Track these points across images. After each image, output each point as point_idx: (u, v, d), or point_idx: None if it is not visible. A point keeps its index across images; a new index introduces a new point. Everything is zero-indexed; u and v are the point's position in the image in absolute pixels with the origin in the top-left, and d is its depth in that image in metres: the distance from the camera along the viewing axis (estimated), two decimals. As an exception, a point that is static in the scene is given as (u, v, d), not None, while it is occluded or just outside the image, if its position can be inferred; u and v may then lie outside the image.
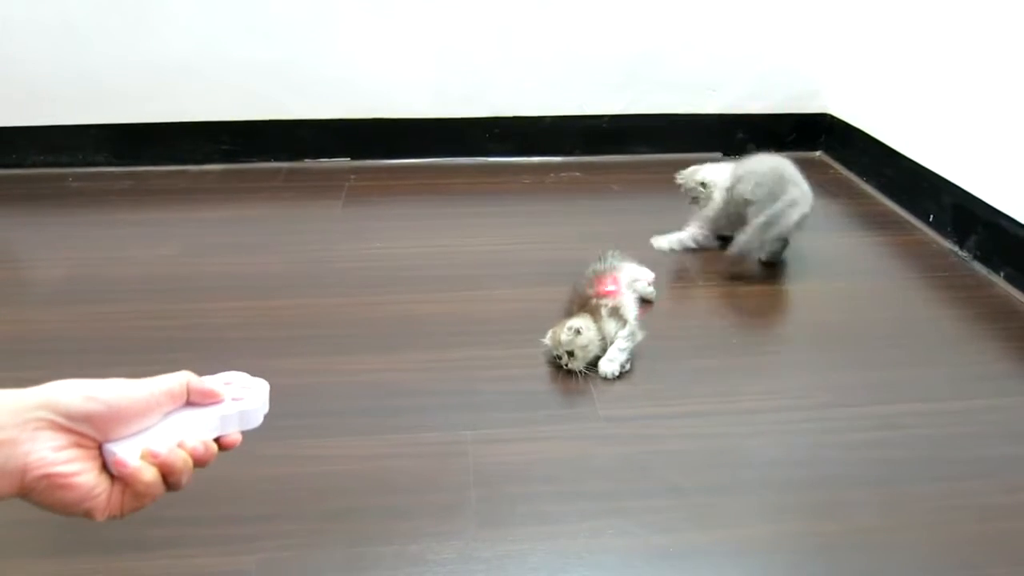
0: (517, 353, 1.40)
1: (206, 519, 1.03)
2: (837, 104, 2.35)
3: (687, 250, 1.79)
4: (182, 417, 0.60)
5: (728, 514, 1.05)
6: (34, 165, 2.25)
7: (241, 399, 0.63)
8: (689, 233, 1.79)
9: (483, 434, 1.19)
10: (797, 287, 1.67)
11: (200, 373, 0.64)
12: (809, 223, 1.77)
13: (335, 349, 1.41)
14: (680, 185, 1.79)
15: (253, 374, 1.21)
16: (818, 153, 2.43)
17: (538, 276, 1.67)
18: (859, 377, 1.35)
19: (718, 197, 1.73)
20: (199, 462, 0.59)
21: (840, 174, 2.30)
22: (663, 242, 1.79)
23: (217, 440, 0.61)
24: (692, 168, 1.80)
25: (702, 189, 1.75)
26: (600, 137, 2.36)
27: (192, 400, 0.61)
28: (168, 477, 0.57)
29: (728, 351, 1.43)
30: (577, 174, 2.29)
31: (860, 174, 2.25)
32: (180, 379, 0.61)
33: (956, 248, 1.80)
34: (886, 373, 1.36)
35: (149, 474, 0.56)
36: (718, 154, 2.41)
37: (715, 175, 1.75)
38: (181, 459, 0.57)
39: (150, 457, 0.56)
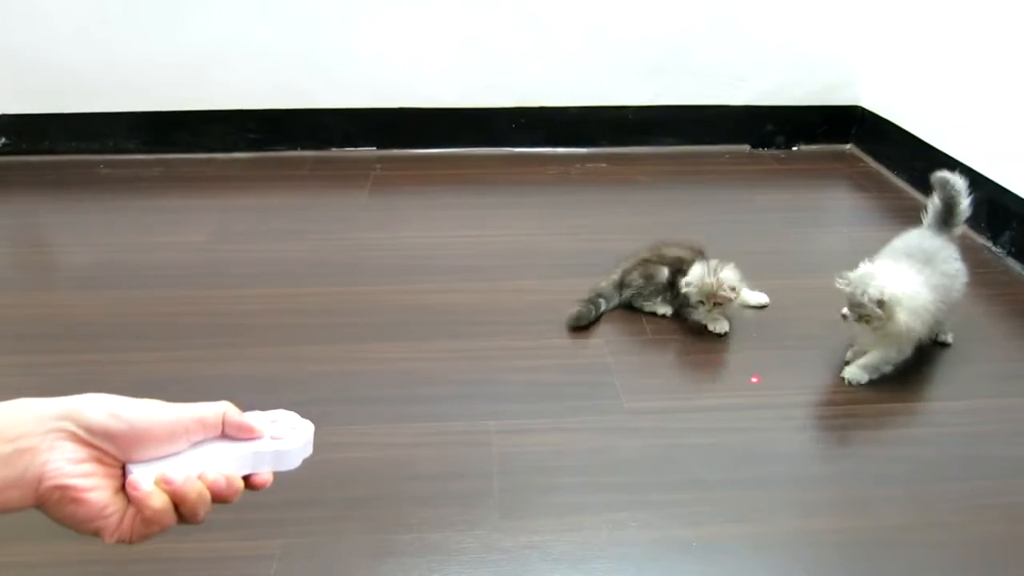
0: (542, 344, 1.39)
1: (231, 504, 1.03)
2: (869, 96, 2.32)
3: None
4: (213, 448, 0.58)
5: (753, 509, 1.04)
6: (66, 152, 2.27)
7: (281, 439, 0.60)
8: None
9: (507, 424, 1.19)
10: (825, 282, 1.65)
11: (231, 359, 0.63)
12: (838, 217, 1.75)
13: (360, 337, 1.42)
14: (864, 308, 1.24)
15: (279, 360, 1.22)
16: (848, 146, 2.40)
17: (564, 267, 1.66)
18: (887, 374, 1.33)
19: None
20: (219, 497, 0.56)
21: (871, 167, 2.26)
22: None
23: (248, 478, 0.59)
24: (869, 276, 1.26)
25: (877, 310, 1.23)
26: (626, 128, 2.35)
27: (227, 433, 0.59)
28: (180, 507, 0.55)
29: (755, 345, 1.41)
30: (603, 165, 2.27)
31: (891, 167, 2.21)
32: (216, 409, 0.58)
33: (990, 244, 1.77)
34: (915, 370, 1.34)
35: (159, 501, 0.53)
36: (746, 146, 2.39)
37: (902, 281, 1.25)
38: (196, 491, 0.54)
39: (163, 484, 0.54)
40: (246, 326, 1.46)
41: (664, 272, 1.48)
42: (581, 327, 1.44)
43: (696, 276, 1.40)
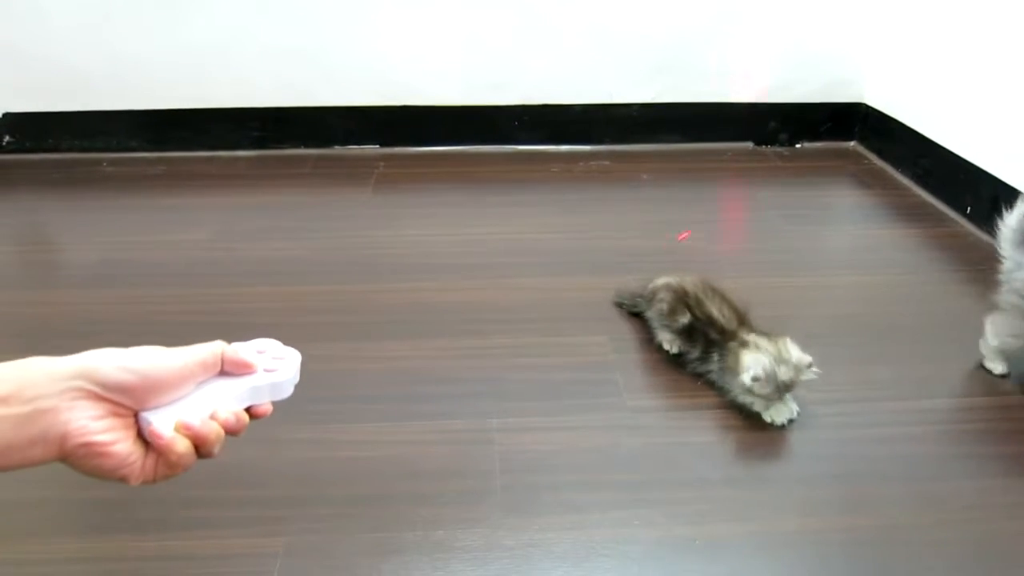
0: (544, 342, 1.39)
1: (234, 501, 1.04)
2: (872, 93, 2.31)
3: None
4: (215, 387, 0.61)
5: (756, 507, 1.04)
6: (70, 150, 2.28)
7: (273, 370, 0.63)
8: None
9: (509, 422, 1.19)
10: (829, 280, 1.65)
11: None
12: (841, 215, 1.73)
13: (363, 335, 1.42)
14: None
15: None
16: (852, 143, 2.39)
17: (567, 265, 1.66)
18: (892, 371, 1.32)
19: None
20: (231, 432, 0.60)
21: (875, 165, 2.26)
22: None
23: (248, 410, 0.62)
24: None
25: None
26: (630, 126, 2.34)
27: (225, 370, 0.62)
28: (200, 448, 0.58)
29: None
30: (607, 163, 2.27)
31: (895, 165, 2.21)
32: (214, 349, 0.62)
33: (993, 241, 1.76)
34: (920, 368, 1.34)
35: (182, 445, 0.57)
36: (749, 144, 2.38)
37: None
38: (214, 431, 0.58)
39: (183, 429, 0.57)
40: (249, 324, 1.46)
41: (685, 320, 1.30)
42: (620, 304, 1.49)
43: (763, 368, 1.14)
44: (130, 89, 2.23)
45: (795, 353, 1.17)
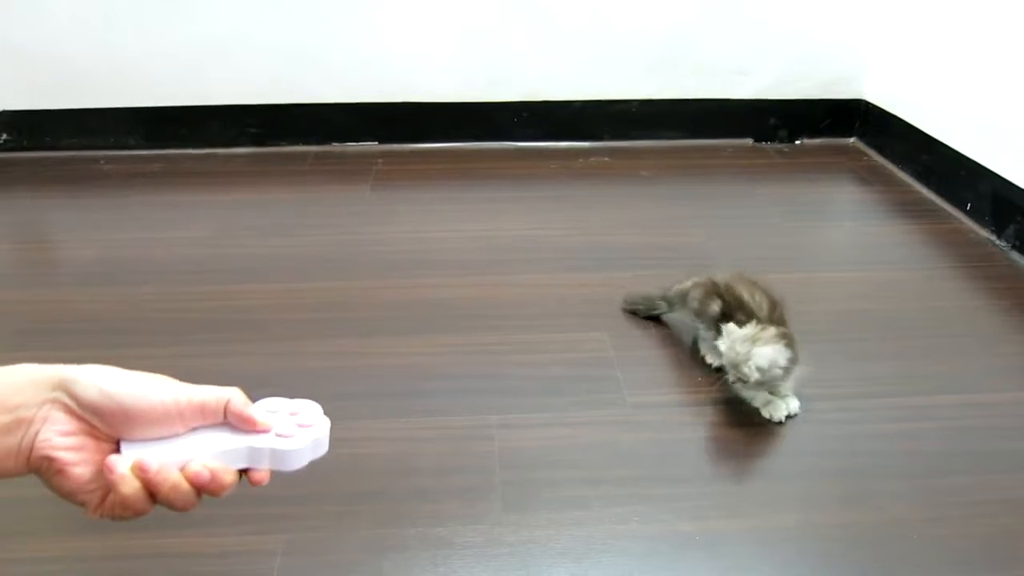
0: (544, 338, 1.39)
1: (233, 499, 1.03)
2: (872, 89, 2.31)
3: None
4: (209, 436, 0.55)
5: (756, 503, 1.04)
6: (67, 148, 2.27)
7: (286, 436, 0.57)
8: None
9: (509, 418, 1.19)
10: (830, 276, 1.65)
11: (233, 355, 0.62)
12: (841, 211, 1.73)
13: (362, 332, 1.42)
14: None
15: (281, 356, 1.22)
16: (852, 140, 2.39)
17: (566, 262, 1.66)
18: (892, 367, 1.32)
19: None
20: (204, 489, 0.54)
21: (875, 161, 2.26)
22: None
23: (246, 471, 0.57)
24: None
25: None
26: (629, 122, 2.34)
27: (230, 421, 0.56)
28: (155, 496, 0.53)
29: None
30: (606, 159, 2.27)
31: (895, 161, 2.20)
32: (220, 396, 0.56)
33: (994, 237, 1.76)
34: (920, 364, 1.33)
35: (130, 487, 0.51)
36: (749, 140, 2.38)
37: None
38: (169, 482, 0.52)
39: (137, 470, 0.52)
40: (248, 321, 1.45)
41: (715, 307, 1.28)
42: (633, 311, 1.46)
43: (734, 337, 1.15)
44: (127, 86, 2.22)
45: (766, 351, 1.12)
